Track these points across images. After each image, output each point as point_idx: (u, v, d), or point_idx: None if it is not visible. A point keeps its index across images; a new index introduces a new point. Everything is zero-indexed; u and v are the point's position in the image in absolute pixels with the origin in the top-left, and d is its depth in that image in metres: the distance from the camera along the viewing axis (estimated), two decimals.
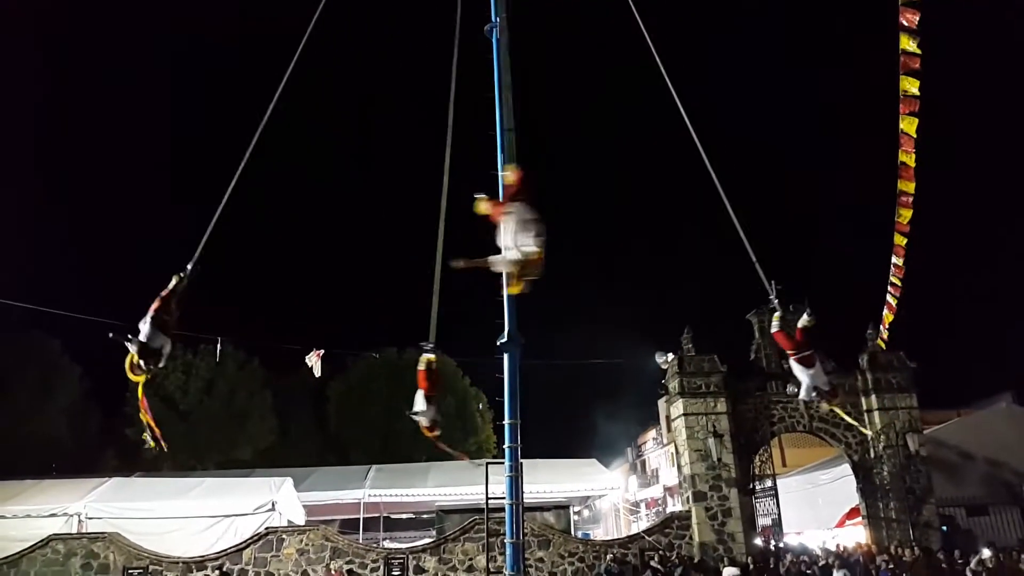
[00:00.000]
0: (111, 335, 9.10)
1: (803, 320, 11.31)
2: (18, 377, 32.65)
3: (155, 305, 9.14)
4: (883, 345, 22.14)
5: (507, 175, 9.02)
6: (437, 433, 11.18)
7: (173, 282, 9.30)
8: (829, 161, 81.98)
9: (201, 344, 34.88)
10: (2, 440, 30.78)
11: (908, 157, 14.89)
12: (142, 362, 9.00)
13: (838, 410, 15.32)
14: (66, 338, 36.10)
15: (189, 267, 9.41)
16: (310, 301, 69.50)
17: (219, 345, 29.52)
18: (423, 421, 10.90)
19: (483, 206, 8.42)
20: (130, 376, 9.16)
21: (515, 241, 7.90)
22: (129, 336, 8.95)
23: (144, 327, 8.97)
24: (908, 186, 15.47)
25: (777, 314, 11.39)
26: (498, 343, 9.00)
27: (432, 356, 10.73)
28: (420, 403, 10.83)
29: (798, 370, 11.57)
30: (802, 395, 11.84)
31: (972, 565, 16.82)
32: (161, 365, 9.34)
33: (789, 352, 11.68)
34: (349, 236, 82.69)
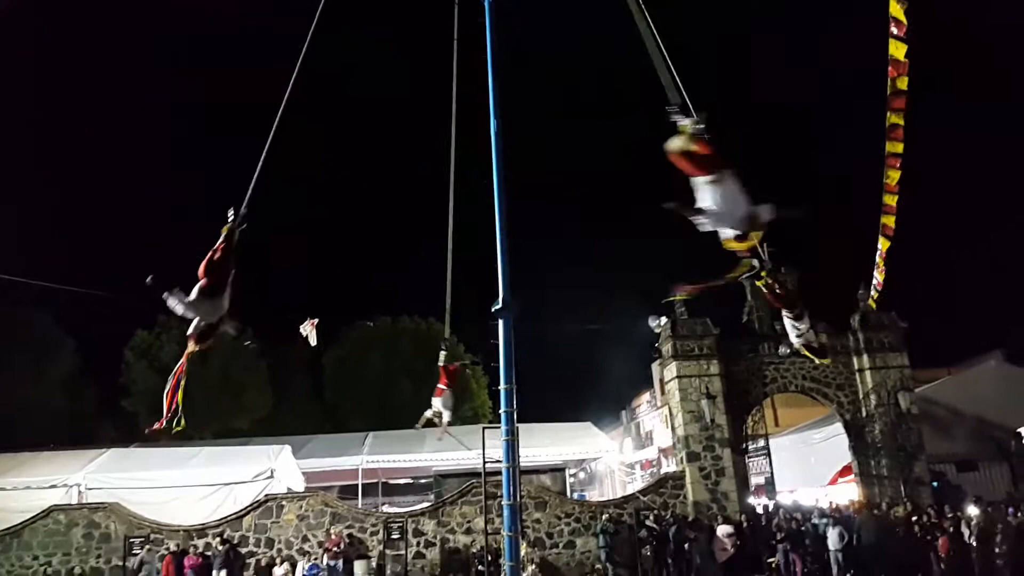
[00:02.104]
0: (149, 280, 7.42)
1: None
2: (12, 351, 32.62)
3: (201, 269, 7.86)
4: (874, 305, 22.26)
5: (693, 146, 7.07)
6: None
7: (224, 233, 8.00)
8: (823, 121, 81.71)
9: None
10: None
11: (897, 118, 14.88)
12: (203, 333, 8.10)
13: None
14: (58, 311, 36.08)
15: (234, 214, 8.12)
16: (303, 271, 69.40)
17: None
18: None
19: (684, 144, 7.01)
20: (190, 344, 8.45)
21: (732, 204, 7.18)
22: (173, 300, 7.57)
23: (192, 296, 7.73)
24: (896, 147, 15.47)
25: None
26: (493, 309, 8.95)
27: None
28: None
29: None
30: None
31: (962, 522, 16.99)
32: (226, 330, 8.39)
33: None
34: (342, 205, 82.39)
